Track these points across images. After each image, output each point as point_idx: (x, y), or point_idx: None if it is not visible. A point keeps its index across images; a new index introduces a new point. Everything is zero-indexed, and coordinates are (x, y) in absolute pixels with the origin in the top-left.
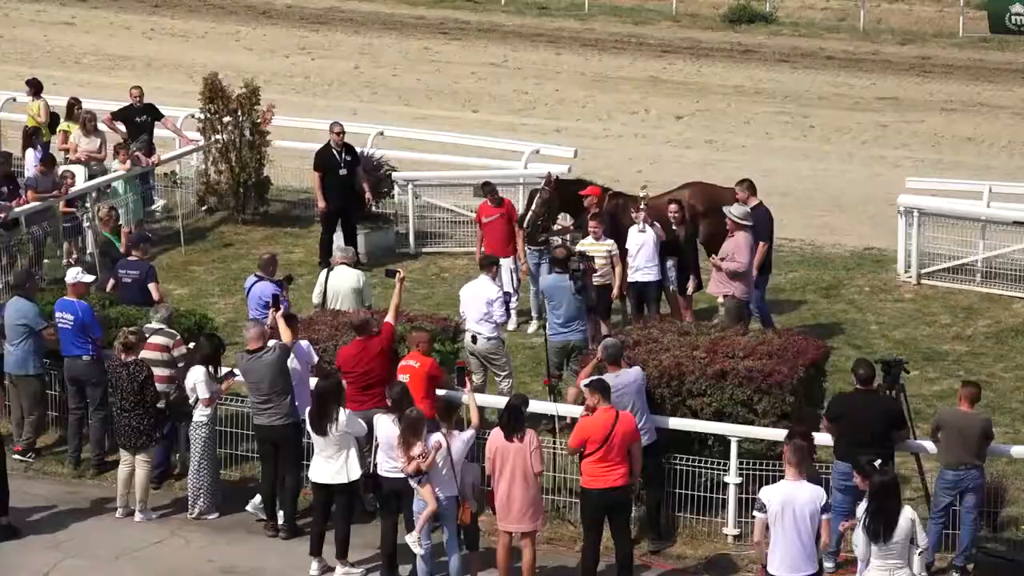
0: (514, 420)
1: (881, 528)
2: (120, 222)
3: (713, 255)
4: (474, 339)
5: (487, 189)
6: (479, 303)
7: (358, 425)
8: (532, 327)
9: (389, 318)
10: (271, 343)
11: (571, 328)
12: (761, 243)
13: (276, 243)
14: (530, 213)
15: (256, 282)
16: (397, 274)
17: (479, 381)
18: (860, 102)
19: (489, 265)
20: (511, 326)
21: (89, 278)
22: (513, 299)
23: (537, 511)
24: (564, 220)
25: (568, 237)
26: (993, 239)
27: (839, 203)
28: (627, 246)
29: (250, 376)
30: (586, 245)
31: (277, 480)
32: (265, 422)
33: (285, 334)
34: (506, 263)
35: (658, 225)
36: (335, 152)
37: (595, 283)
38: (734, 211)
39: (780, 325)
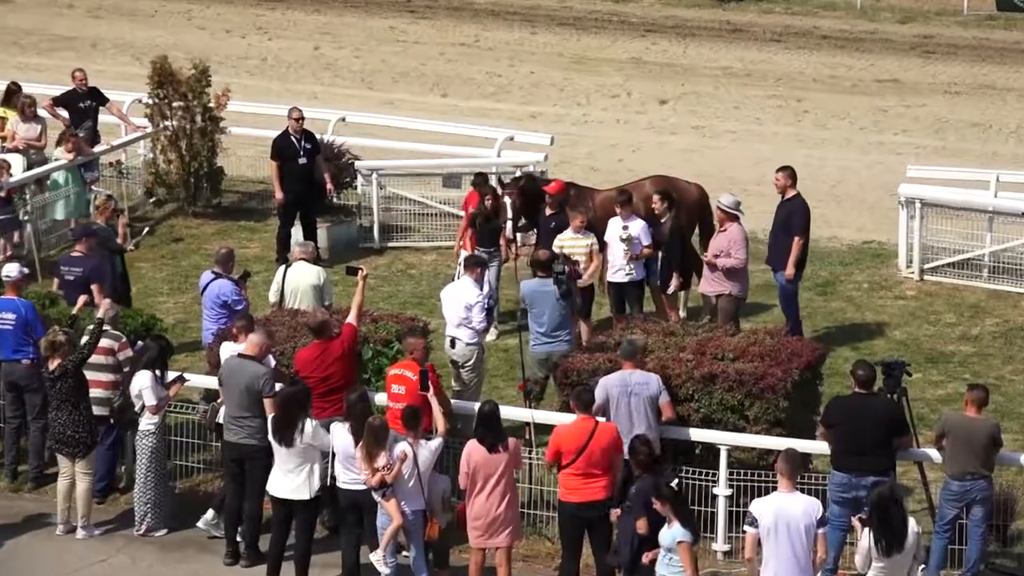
0: (494, 429)
1: (891, 541)
2: (118, 212)
3: (705, 252)
4: (452, 343)
5: (478, 180)
6: (459, 307)
7: (326, 437)
8: (490, 335)
9: (351, 319)
10: (270, 359)
11: (556, 338)
12: (796, 238)
13: (230, 237)
14: (509, 223)
15: (213, 279)
16: (359, 271)
17: (456, 387)
18: (858, 85)
19: (473, 266)
20: (490, 336)
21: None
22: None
23: (516, 526)
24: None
25: (520, 238)
26: (1001, 232)
27: (835, 193)
28: (606, 239)
29: (231, 384)
30: (565, 240)
31: (241, 501)
32: (235, 439)
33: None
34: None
35: (639, 221)
36: (294, 140)
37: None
38: (724, 201)
39: (771, 325)
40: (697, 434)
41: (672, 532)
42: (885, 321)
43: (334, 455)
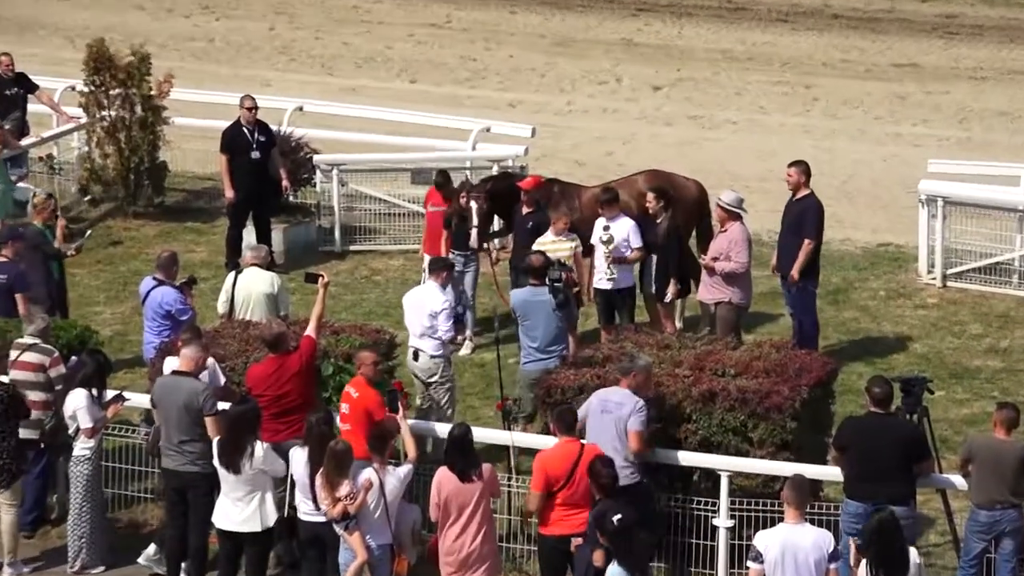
0: (465, 455)
1: (890, 573)
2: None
3: (703, 255)
4: (415, 355)
5: (439, 179)
6: (422, 314)
7: (278, 462)
8: (464, 349)
9: (310, 331)
10: (205, 375)
11: (551, 354)
12: (807, 240)
13: (174, 240)
14: (475, 231)
15: (155, 286)
16: (320, 278)
17: (423, 405)
18: (873, 70)
19: (438, 269)
20: (465, 351)
21: None
22: (467, 313)
23: (494, 561)
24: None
25: (497, 243)
26: None
27: (848, 190)
28: (592, 241)
29: (166, 404)
30: (547, 244)
31: (184, 534)
32: (174, 466)
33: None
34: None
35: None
36: (245, 131)
37: None
38: (725, 198)
39: (777, 336)
40: (695, 459)
41: (611, 571)
42: (904, 333)
43: (293, 483)
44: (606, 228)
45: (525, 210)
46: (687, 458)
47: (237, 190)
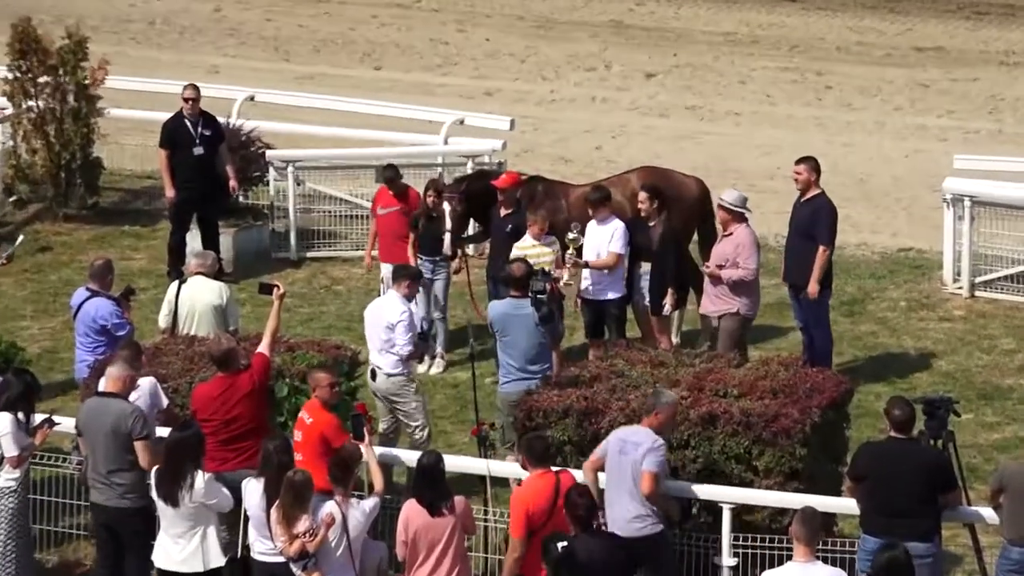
0: (433, 486)
1: None
2: None
3: (706, 263)
4: (373, 374)
5: (389, 174)
6: (379, 327)
7: (222, 495)
8: (435, 367)
9: (263, 348)
10: (137, 394)
11: (532, 374)
12: (821, 247)
13: (110, 246)
14: (448, 235)
15: (88, 297)
16: (275, 289)
17: (387, 429)
18: (892, 54)
19: (401, 279)
20: (436, 369)
21: None
22: (438, 327)
23: None
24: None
25: (472, 249)
26: None
27: (865, 190)
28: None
29: (93, 430)
30: (525, 249)
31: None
32: (103, 500)
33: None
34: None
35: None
36: (189, 124)
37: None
38: (727, 198)
39: (786, 353)
40: (693, 490)
41: None
42: (927, 348)
43: (247, 519)
44: (574, 226)
45: (503, 212)
46: (685, 489)
47: (179, 190)
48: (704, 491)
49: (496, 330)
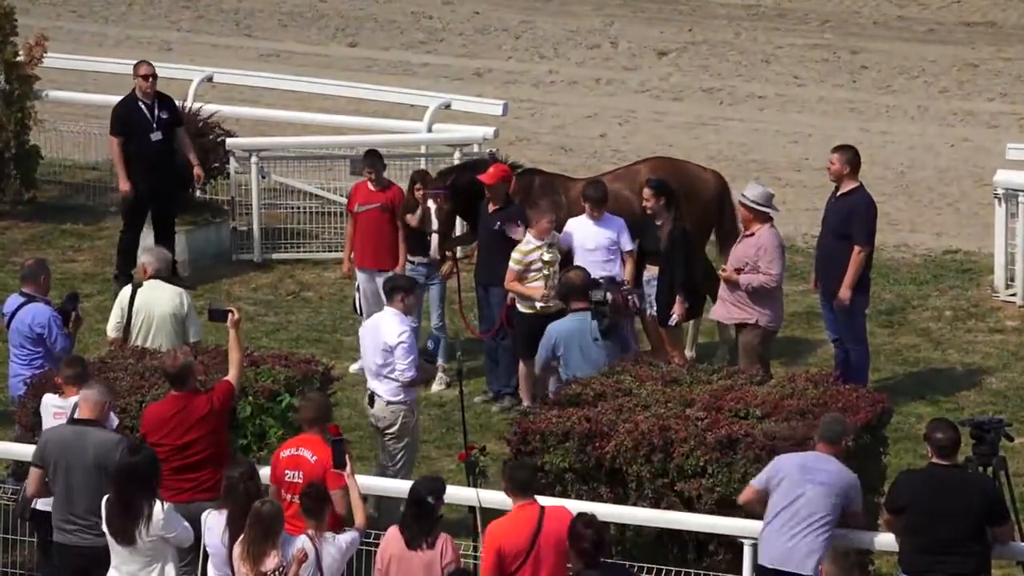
0: (420, 518)
1: None
2: None
3: (723, 266)
4: (371, 400)
5: (369, 161)
6: (376, 349)
7: (183, 527)
8: (435, 384)
9: (231, 376)
10: (113, 422)
11: None
12: (857, 247)
13: (50, 247)
14: (436, 236)
15: (23, 303)
16: (228, 316)
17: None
18: (936, 30)
19: (394, 290)
20: (437, 386)
21: None
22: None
23: None
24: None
25: (459, 250)
26: None
27: (905, 184)
28: (575, 245)
29: (68, 465)
30: (528, 253)
31: None
32: (75, 540)
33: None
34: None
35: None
36: (143, 106)
37: (526, 309)
38: (750, 194)
39: (815, 368)
40: (711, 523)
41: None
42: (975, 363)
43: (206, 554)
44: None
45: (491, 208)
46: (701, 523)
47: (134, 182)
48: (723, 525)
49: (560, 350)
